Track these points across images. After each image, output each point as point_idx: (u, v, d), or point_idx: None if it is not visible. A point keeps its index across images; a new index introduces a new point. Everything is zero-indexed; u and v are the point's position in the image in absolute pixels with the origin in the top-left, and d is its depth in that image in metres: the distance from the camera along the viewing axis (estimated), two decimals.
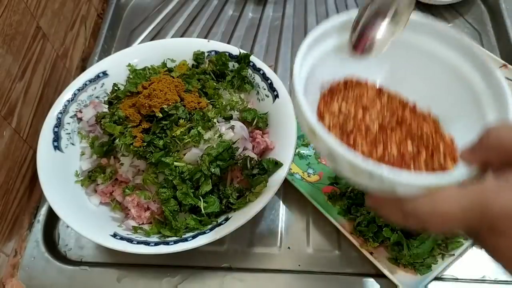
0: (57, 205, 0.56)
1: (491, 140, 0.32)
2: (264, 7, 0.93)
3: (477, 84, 0.42)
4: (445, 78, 0.44)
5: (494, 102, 0.40)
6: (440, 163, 0.39)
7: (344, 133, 0.41)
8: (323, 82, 0.45)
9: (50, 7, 0.71)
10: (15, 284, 0.60)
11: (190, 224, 0.56)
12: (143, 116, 0.59)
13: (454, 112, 0.44)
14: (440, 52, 0.44)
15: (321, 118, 0.42)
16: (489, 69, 0.40)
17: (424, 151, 0.40)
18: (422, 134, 0.42)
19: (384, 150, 0.40)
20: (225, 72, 0.69)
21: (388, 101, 0.45)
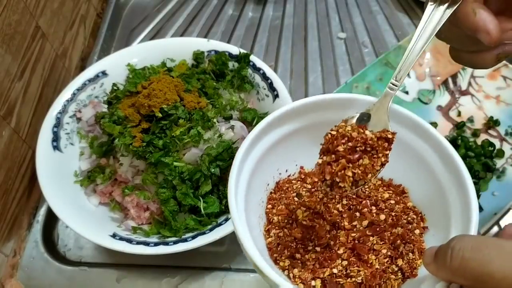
0: (56, 205, 0.56)
1: (455, 263, 0.27)
2: (264, 7, 0.93)
3: (439, 171, 0.40)
4: (406, 156, 0.42)
5: (457, 191, 0.38)
6: (410, 265, 0.38)
7: (298, 244, 0.40)
8: (268, 181, 0.44)
9: (50, 6, 0.71)
10: (14, 285, 0.60)
11: (190, 225, 0.56)
12: (143, 116, 0.59)
13: (420, 189, 0.42)
14: (402, 135, 0.42)
15: (271, 228, 0.41)
16: (452, 159, 0.38)
17: (394, 256, 0.38)
18: (392, 232, 0.40)
19: (350, 263, 0.38)
20: (225, 72, 0.68)
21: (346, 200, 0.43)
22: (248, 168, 0.40)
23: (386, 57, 0.75)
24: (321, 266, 0.38)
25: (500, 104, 0.70)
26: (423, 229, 0.41)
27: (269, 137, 0.42)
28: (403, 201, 0.43)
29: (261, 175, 0.43)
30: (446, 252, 0.28)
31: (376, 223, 0.40)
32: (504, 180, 0.64)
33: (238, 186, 0.38)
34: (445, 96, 0.73)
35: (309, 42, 0.85)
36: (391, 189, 0.44)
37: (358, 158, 0.35)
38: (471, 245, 0.27)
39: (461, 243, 0.27)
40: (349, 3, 0.92)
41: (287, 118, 0.42)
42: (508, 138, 0.68)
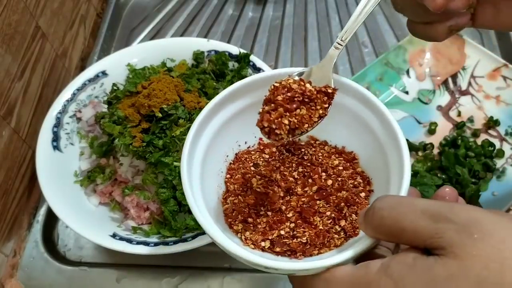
0: (56, 205, 0.56)
1: (375, 222, 0.30)
2: (264, 7, 0.93)
3: (380, 133, 0.42)
4: (355, 125, 0.45)
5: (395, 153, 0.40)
6: (353, 225, 0.40)
7: (251, 209, 0.42)
8: (226, 152, 0.46)
9: (49, 6, 0.71)
10: (14, 285, 0.60)
11: (190, 225, 0.56)
12: (143, 116, 0.59)
13: (369, 155, 0.45)
14: (346, 103, 0.44)
15: (228, 196, 0.44)
16: (387, 119, 0.41)
17: (338, 217, 0.41)
18: (337, 195, 0.43)
19: (294, 226, 0.41)
20: (225, 72, 0.68)
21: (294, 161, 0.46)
22: (205, 140, 0.43)
23: (386, 57, 0.75)
24: (271, 228, 0.41)
25: (500, 104, 0.70)
26: (368, 192, 0.43)
27: (225, 111, 0.45)
28: (353, 166, 0.45)
29: (219, 147, 0.45)
30: (369, 212, 0.30)
31: (323, 188, 0.43)
32: (504, 180, 0.64)
33: (192, 159, 0.41)
34: (445, 96, 0.73)
35: (309, 42, 0.85)
36: (343, 156, 0.46)
37: (295, 108, 0.39)
38: (389, 204, 0.29)
39: (380, 203, 0.30)
40: (349, 3, 0.92)
41: (241, 93, 0.45)
42: (508, 138, 0.68)
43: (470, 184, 0.60)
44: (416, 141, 0.68)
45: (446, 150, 0.65)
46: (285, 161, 0.46)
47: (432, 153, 0.67)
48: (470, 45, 0.73)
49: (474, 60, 0.73)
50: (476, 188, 0.60)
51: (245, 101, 0.45)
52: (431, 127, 0.69)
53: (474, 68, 0.73)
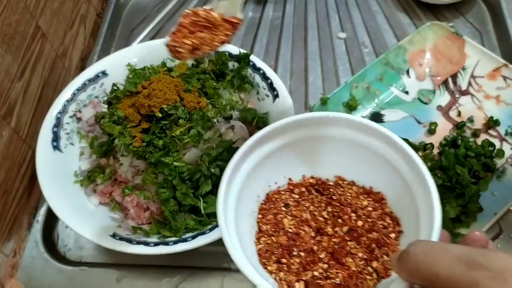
0: (56, 205, 0.56)
1: (410, 266, 0.30)
2: (264, 7, 0.92)
3: (408, 176, 0.43)
4: (382, 166, 0.46)
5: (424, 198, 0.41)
6: (385, 266, 0.41)
7: (284, 250, 0.43)
8: (259, 193, 0.48)
9: (49, 6, 0.71)
10: (14, 285, 0.60)
11: (190, 225, 0.56)
12: (143, 116, 0.59)
13: (397, 195, 0.46)
14: (374, 145, 0.46)
15: (261, 236, 0.45)
16: (416, 164, 0.42)
17: (369, 259, 0.42)
18: (368, 237, 0.44)
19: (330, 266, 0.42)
20: (225, 72, 0.68)
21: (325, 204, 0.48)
22: (238, 182, 0.45)
23: (386, 57, 0.75)
24: (304, 269, 0.42)
25: (500, 104, 0.70)
26: (398, 233, 0.44)
27: (257, 153, 0.46)
28: (381, 207, 0.46)
29: (251, 188, 0.46)
30: (403, 256, 0.31)
31: (354, 229, 0.44)
32: (504, 180, 0.64)
33: (227, 198, 0.42)
34: (445, 96, 0.73)
35: (309, 42, 0.85)
36: (371, 196, 0.47)
37: (197, 31, 0.43)
38: (422, 250, 0.30)
39: (414, 247, 0.31)
40: (349, 3, 0.92)
41: (272, 136, 0.46)
42: (508, 138, 0.68)
43: (470, 184, 0.60)
44: (416, 141, 0.68)
45: (446, 150, 0.65)
46: (314, 201, 0.48)
47: (432, 153, 0.67)
48: (470, 45, 0.73)
49: (474, 60, 0.73)
50: (476, 188, 0.60)
51: (276, 143, 0.47)
52: (431, 127, 0.69)
53: (474, 68, 0.73)
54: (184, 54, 0.41)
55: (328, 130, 0.47)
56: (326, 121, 0.47)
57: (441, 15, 0.87)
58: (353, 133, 0.46)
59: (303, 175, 0.50)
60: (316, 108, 0.70)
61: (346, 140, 0.47)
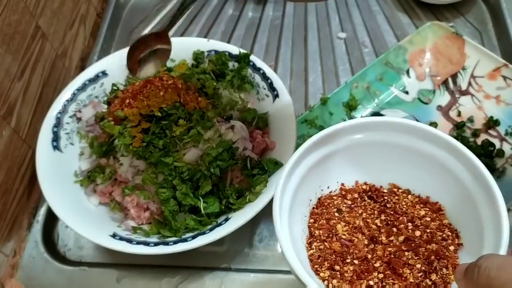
0: (56, 205, 0.56)
1: (482, 280, 0.29)
2: (264, 6, 0.92)
3: (471, 186, 0.42)
4: (441, 176, 0.45)
5: (490, 209, 0.40)
6: (444, 280, 0.40)
7: (337, 256, 0.43)
8: (311, 197, 0.48)
9: (50, 6, 0.71)
10: (14, 284, 0.60)
11: (190, 225, 0.56)
12: (143, 116, 0.59)
13: (456, 206, 0.44)
14: (435, 154, 0.45)
15: (313, 241, 0.45)
16: (482, 175, 0.41)
17: (428, 271, 0.41)
18: (426, 248, 0.42)
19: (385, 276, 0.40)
20: (225, 72, 0.68)
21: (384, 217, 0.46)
22: (292, 186, 0.44)
23: (386, 57, 0.75)
24: (359, 278, 0.40)
25: (500, 104, 0.70)
26: (457, 245, 0.43)
27: (311, 157, 0.46)
28: (439, 218, 0.45)
29: (304, 191, 0.46)
30: (474, 270, 0.30)
31: (411, 239, 0.43)
32: (504, 180, 0.63)
33: (282, 202, 0.42)
34: (445, 96, 0.73)
35: (309, 42, 0.85)
36: (428, 207, 0.46)
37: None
38: (497, 264, 0.29)
39: (487, 262, 0.29)
40: (349, 3, 0.92)
41: (327, 140, 0.46)
42: (508, 138, 0.68)
43: None
44: None
45: None
46: (367, 208, 0.47)
47: None
48: (470, 45, 0.73)
49: (474, 60, 0.73)
50: None
51: (330, 147, 0.46)
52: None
53: (474, 68, 0.73)
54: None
55: (385, 135, 0.46)
56: (383, 127, 0.46)
57: (441, 15, 0.87)
58: (411, 139, 0.45)
59: (356, 181, 0.49)
60: (316, 108, 0.70)
61: (402, 146, 0.45)
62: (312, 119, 0.68)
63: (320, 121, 0.69)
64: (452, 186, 0.44)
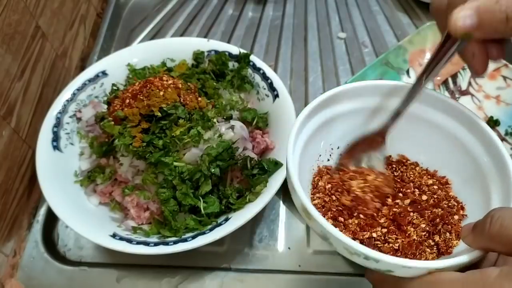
0: (56, 205, 0.56)
1: (494, 230, 0.29)
2: (264, 6, 0.93)
3: (481, 158, 0.42)
4: (451, 148, 0.44)
5: (499, 178, 0.39)
6: (446, 243, 0.40)
7: (344, 210, 0.42)
8: (321, 152, 0.47)
9: (50, 6, 0.71)
10: (14, 284, 0.60)
11: (190, 225, 0.56)
12: (143, 116, 0.59)
13: (463, 180, 0.44)
14: (446, 124, 0.44)
15: (316, 192, 0.44)
16: (493, 143, 0.40)
17: (432, 232, 0.41)
18: (432, 211, 0.42)
19: (386, 231, 0.40)
20: (225, 72, 0.68)
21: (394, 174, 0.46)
22: (304, 137, 0.43)
23: (386, 57, 0.75)
24: (362, 230, 0.40)
25: (500, 104, 0.70)
26: (462, 216, 0.43)
27: (328, 111, 0.45)
28: (446, 190, 0.45)
29: (314, 145, 0.45)
30: (486, 221, 0.30)
31: (418, 202, 0.43)
32: None
33: (295, 148, 0.41)
34: None
35: (309, 42, 0.85)
36: (435, 178, 0.46)
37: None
38: (510, 215, 0.29)
39: (500, 212, 0.30)
40: (349, 3, 0.92)
41: (345, 97, 0.45)
42: (508, 138, 0.68)
43: None
44: None
45: None
46: (377, 174, 0.46)
47: None
48: None
49: None
50: None
51: (346, 105, 0.46)
52: None
53: None
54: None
55: (397, 101, 0.44)
56: (396, 91, 0.44)
57: None
58: (426, 109, 0.44)
59: None
60: None
61: (414, 114, 0.44)
62: None
63: None
64: (462, 160, 0.43)
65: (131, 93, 0.60)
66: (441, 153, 0.45)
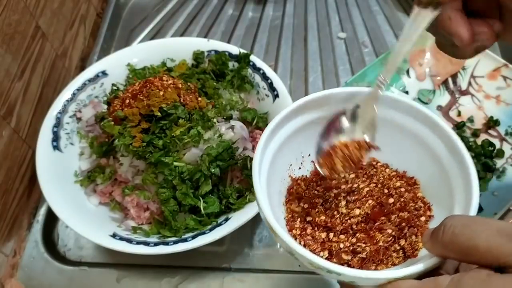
0: (56, 205, 0.56)
1: (446, 238, 0.30)
2: (264, 6, 0.93)
3: (446, 158, 0.43)
4: (418, 149, 0.46)
5: (462, 180, 0.40)
6: (412, 247, 0.41)
7: (312, 223, 0.43)
8: (292, 162, 0.48)
9: (49, 6, 0.71)
10: (14, 284, 0.60)
11: (190, 225, 0.56)
12: (143, 116, 0.59)
13: (430, 180, 0.45)
14: (412, 126, 0.46)
15: (288, 204, 0.45)
16: (456, 144, 0.41)
17: (398, 236, 0.42)
18: (398, 215, 0.43)
19: (355, 240, 0.41)
20: (225, 72, 0.68)
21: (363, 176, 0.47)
22: (272, 148, 0.44)
23: (386, 57, 0.75)
24: (330, 241, 0.41)
25: (500, 104, 0.70)
26: (429, 217, 0.43)
27: (294, 122, 0.46)
28: (414, 191, 0.46)
29: (284, 155, 0.46)
30: (439, 229, 0.31)
31: (384, 205, 0.44)
32: (504, 180, 0.64)
33: (262, 162, 0.42)
34: (445, 96, 0.73)
35: (309, 42, 0.85)
36: (404, 180, 0.47)
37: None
38: (461, 222, 0.30)
39: (452, 220, 0.30)
40: (349, 3, 0.92)
41: (309, 107, 0.46)
42: (508, 138, 0.68)
43: None
44: None
45: None
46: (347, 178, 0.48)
47: None
48: None
49: (474, 60, 0.73)
50: None
51: (312, 115, 0.47)
52: None
53: (474, 68, 0.73)
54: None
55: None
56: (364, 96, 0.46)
57: None
58: (393, 113, 0.46)
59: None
60: None
61: (383, 119, 0.45)
62: None
63: None
64: (429, 162, 0.45)
65: (131, 93, 0.60)
66: (409, 154, 0.46)
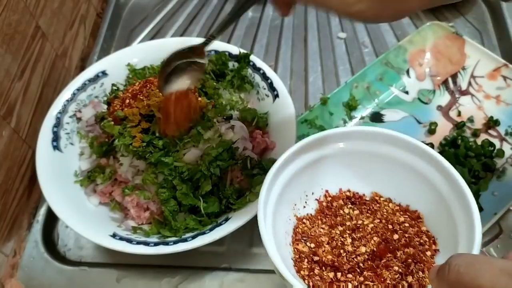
0: (56, 205, 0.56)
1: (452, 277, 0.30)
2: (264, 6, 0.92)
3: (446, 193, 0.44)
4: (419, 183, 0.47)
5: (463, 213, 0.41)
6: (420, 283, 0.41)
7: (319, 263, 0.44)
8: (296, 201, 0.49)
9: (49, 6, 0.71)
10: (14, 284, 0.60)
11: (190, 225, 0.56)
12: (142, 116, 0.59)
13: (433, 213, 0.46)
14: (411, 161, 0.47)
15: (295, 244, 0.46)
16: (455, 179, 0.43)
17: (405, 273, 0.42)
18: (404, 251, 0.44)
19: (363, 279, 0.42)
20: (225, 72, 0.68)
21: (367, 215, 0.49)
22: (277, 188, 0.45)
23: (386, 57, 0.75)
24: (338, 281, 0.42)
25: (500, 104, 0.70)
26: (434, 251, 0.44)
27: (297, 162, 0.47)
28: (418, 225, 0.47)
29: (289, 195, 0.47)
30: (445, 268, 0.31)
31: (389, 242, 0.45)
32: (504, 180, 0.64)
33: (267, 205, 0.43)
34: (445, 96, 0.73)
35: (309, 42, 0.85)
36: (407, 214, 0.48)
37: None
38: (466, 262, 0.30)
39: (457, 260, 0.31)
40: None
41: (313, 146, 0.47)
42: (508, 138, 0.68)
43: (470, 184, 0.60)
44: None
45: (446, 150, 0.65)
46: (351, 215, 0.49)
47: None
48: (470, 45, 0.73)
49: (474, 60, 0.73)
50: (476, 188, 0.60)
51: (316, 153, 0.48)
52: (431, 127, 0.69)
53: (474, 68, 0.73)
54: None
55: (367, 145, 0.48)
56: (366, 136, 0.48)
57: (441, 15, 0.87)
58: (392, 149, 0.47)
59: (340, 188, 0.51)
60: (316, 108, 0.70)
61: (385, 156, 0.47)
62: (312, 119, 0.68)
63: (320, 121, 0.69)
64: (430, 195, 0.46)
65: (131, 93, 0.60)
66: (412, 189, 0.47)
